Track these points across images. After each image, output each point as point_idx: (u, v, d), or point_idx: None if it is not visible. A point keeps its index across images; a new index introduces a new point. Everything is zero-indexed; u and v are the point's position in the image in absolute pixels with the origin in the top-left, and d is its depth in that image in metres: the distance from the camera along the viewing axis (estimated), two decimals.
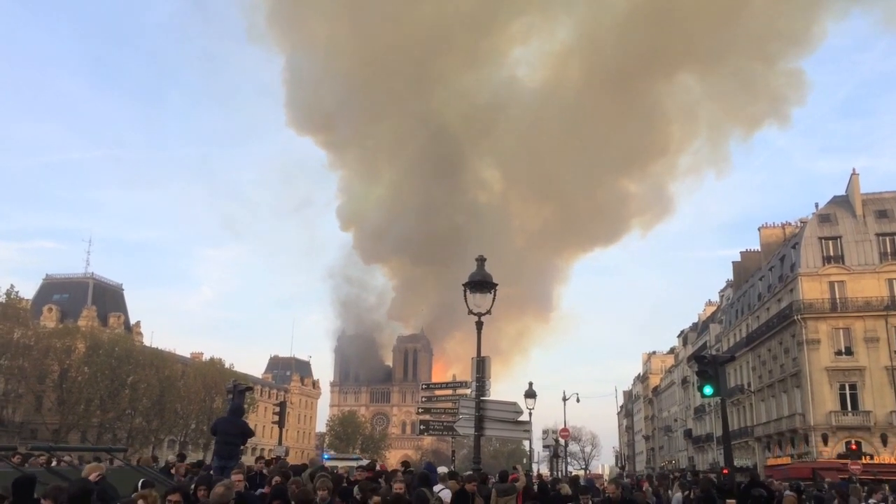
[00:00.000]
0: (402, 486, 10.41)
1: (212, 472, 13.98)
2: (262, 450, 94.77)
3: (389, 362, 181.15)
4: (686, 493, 15.70)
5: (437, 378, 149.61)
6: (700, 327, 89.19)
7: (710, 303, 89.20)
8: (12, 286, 66.49)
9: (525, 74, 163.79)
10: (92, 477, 8.66)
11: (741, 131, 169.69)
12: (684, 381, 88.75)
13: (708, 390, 15.78)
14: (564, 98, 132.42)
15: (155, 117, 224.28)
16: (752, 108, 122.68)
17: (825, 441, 48.90)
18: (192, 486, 8.88)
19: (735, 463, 26.43)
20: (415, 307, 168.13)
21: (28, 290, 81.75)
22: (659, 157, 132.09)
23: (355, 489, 10.42)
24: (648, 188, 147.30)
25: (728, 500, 13.57)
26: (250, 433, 14.27)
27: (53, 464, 12.52)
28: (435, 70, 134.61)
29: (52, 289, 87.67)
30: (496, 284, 15.77)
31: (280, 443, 32.92)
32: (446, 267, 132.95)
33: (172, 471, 14.07)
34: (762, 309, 60.64)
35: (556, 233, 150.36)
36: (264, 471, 13.42)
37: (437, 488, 12.99)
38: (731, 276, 75.06)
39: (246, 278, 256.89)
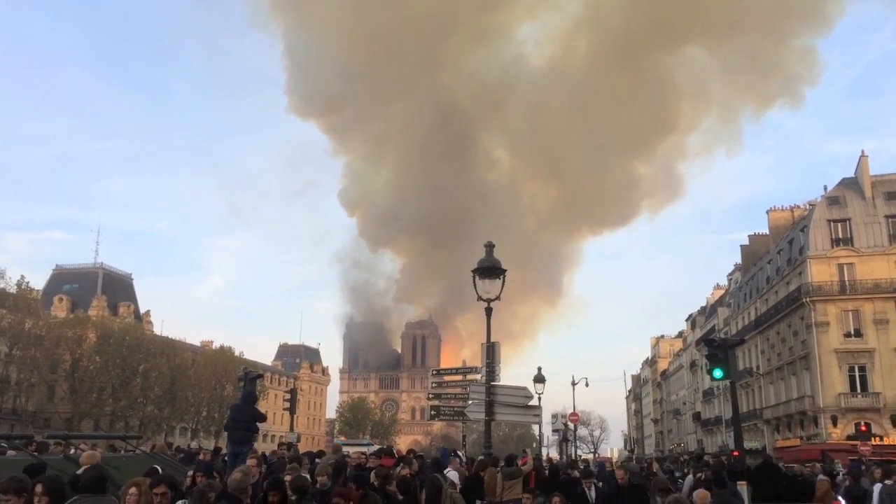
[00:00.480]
0: (408, 470, 10.46)
1: (226, 458, 14.12)
2: (274, 436, 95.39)
3: (398, 348, 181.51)
4: (698, 475, 15.74)
5: (445, 363, 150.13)
6: (708, 311, 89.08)
7: (718, 286, 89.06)
8: (23, 277, 66.73)
9: (533, 51, 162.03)
10: (90, 462, 8.71)
11: (753, 109, 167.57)
12: (693, 364, 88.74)
13: (718, 373, 15.79)
14: (573, 75, 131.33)
15: (161, 107, 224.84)
16: (765, 86, 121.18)
17: (834, 423, 48.92)
18: (190, 473, 8.87)
19: (744, 445, 26.46)
20: (423, 290, 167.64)
21: (38, 281, 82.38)
22: (668, 135, 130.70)
23: (371, 475, 10.47)
24: (658, 169, 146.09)
25: (739, 482, 13.59)
26: (261, 418, 14.32)
27: (72, 451, 12.62)
28: (442, 49, 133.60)
29: (62, 279, 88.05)
30: (505, 270, 15.79)
31: (291, 429, 33.10)
32: (455, 248, 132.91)
33: (201, 457, 14.15)
34: (771, 292, 60.51)
35: (565, 214, 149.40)
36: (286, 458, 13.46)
37: (445, 471, 13.11)
38: (739, 260, 74.90)
39: (254, 267, 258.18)
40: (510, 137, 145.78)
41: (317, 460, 13.19)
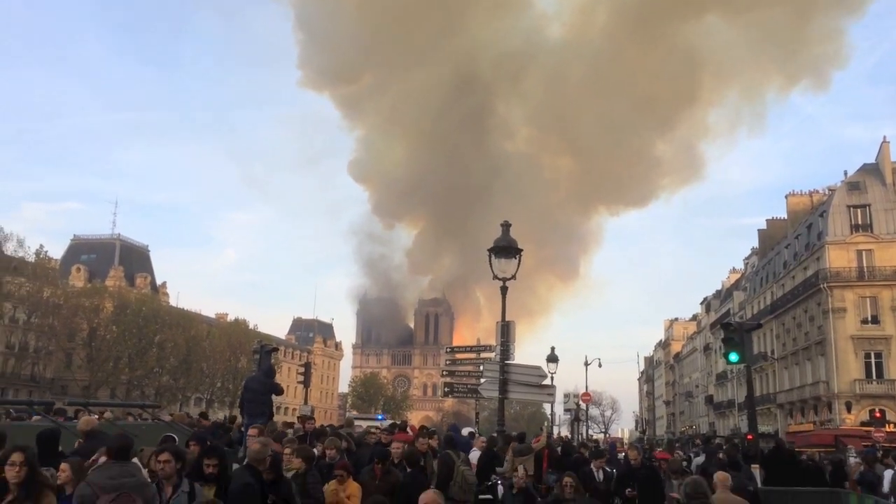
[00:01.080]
0: (401, 445, 10.44)
1: (242, 429, 14.28)
2: (287, 409, 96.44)
3: (411, 325, 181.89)
4: (710, 458, 15.76)
5: (458, 340, 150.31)
6: (723, 294, 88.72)
7: (734, 270, 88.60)
8: (41, 246, 67.60)
9: (553, 20, 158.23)
10: (86, 428, 8.83)
11: (776, 87, 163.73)
12: (706, 347, 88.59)
13: (734, 357, 15.77)
14: (592, 45, 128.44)
15: (176, 80, 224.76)
16: (789, 65, 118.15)
17: (849, 409, 48.74)
18: (185, 442, 8.86)
19: (758, 429, 26.43)
20: (437, 262, 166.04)
21: (57, 251, 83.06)
22: (689, 109, 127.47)
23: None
24: (678, 147, 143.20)
25: (752, 465, 13.61)
26: (279, 391, 14.41)
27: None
28: (461, 17, 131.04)
29: (80, 249, 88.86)
30: (521, 250, 15.78)
31: (305, 402, 33.44)
32: (471, 220, 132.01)
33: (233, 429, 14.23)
34: (787, 277, 60.14)
35: (583, 190, 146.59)
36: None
37: (471, 451, 13.19)
38: (756, 244, 74.42)
39: (269, 240, 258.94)
40: (529, 109, 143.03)
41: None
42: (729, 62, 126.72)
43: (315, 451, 10.00)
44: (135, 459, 6.81)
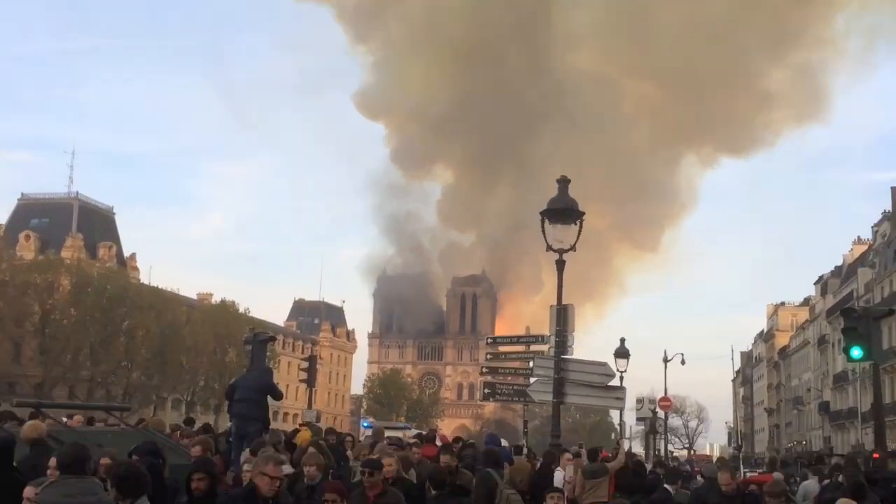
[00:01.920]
0: (392, 461, 10.48)
1: (230, 438, 14.51)
2: (287, 414, 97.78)
3: (442, 307, 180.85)
4: (824, 481, 15.65)
5: (501, 330, 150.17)
6: (845, 272, 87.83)
7: (859, 240, 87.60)
8: None
9: None
10: (32, 435, 9.01)
11: None
12: (822, 340, 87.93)
13: (857, 352, 15.63)
14: None
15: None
16: None
17: None
18: (129, 454, 8.90)
19: (887, 446, 26.21)
20: (477, 219, 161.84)
21: (1, 214, 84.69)
22: (808, 13, 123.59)
23: None
24: (794, 73, 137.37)
25: None
26: (277, 395, 14.57)
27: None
28: None
29: (30, 211, 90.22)
30: (583, 213, 15.66)
31: (310, 406, 33.90)
32: (522, 163, 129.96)
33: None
34: None
35: (666, 129, 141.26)
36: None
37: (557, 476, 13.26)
38: (888, 206, 73.26)
39: (266, 201, 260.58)
40: (597, 14, 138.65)
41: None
42: None
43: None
44: None
